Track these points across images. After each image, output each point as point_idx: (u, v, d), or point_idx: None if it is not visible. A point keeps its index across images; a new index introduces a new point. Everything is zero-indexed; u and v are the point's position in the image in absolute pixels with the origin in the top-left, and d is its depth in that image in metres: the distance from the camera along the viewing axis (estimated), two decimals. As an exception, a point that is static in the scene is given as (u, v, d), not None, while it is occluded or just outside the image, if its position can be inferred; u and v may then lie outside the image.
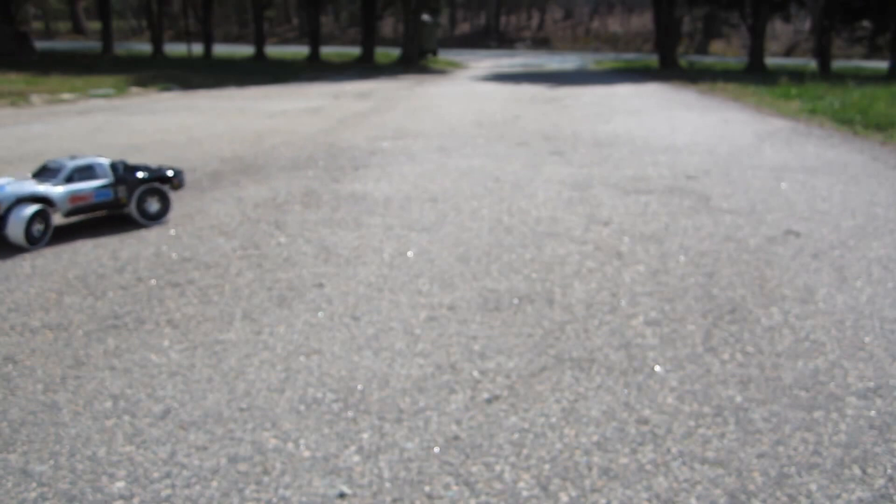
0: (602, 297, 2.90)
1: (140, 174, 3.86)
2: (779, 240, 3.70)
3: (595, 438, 1.89)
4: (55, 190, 3.54)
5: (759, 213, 4.24)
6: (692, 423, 1.97)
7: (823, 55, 22.29)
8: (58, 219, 3.70)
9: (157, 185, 3.91)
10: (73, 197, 3.61)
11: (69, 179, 3.62)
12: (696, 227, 3.94)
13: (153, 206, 3.92)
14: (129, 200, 3.82)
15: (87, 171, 3.70)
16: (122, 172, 3.83)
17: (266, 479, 1.71)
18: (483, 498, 1.65)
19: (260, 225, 3.91)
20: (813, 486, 1.70)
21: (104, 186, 3.73)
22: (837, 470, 1.76)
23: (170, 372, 2.22)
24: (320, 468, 1.75)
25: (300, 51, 30.82)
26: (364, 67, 23.52)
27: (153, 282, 3.02)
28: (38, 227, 3.44)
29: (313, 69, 21.56)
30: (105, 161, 3.80)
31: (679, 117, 9.45)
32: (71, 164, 3.66)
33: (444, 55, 31.91)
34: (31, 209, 3.37)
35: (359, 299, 2.83)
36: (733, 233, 3.82)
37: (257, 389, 2.12)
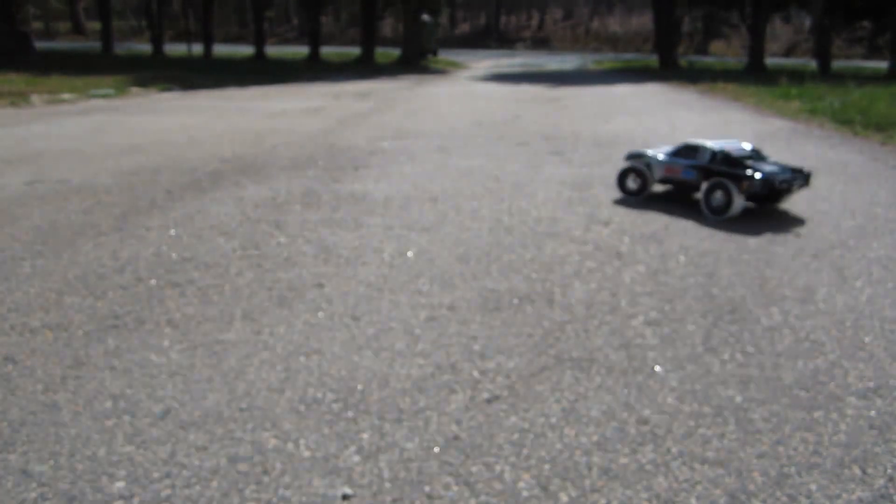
0: (602, 297, 2.90)
1: None
2: (779, 240, 3.70)
3: (595, 438, 1.89)
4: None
5: (759, 213, 4.24)
6: (692, 423, 1.97)
7: (823, 55, 22.28)
8: None
9: None
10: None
11: None
12: (696, 227, 3.94)
13: None
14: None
15: None
16: None
17: (266, 479, 1.71)
18: (483, 498, 1.65)
19: (260, 225, 3.90)
20: (813, 486, 1.70)
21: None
22: (837, 470, 1.76)
23: (170, 372, 2.22)
24: (320, 468, 1.75)
25: (300, 51, 30.82)
26: (364, 67, 23.51)
27: (153, 282, 3.02)
28: None
29: (313, 69, 21.55)
30: None
31: (679, 117, 9.45)
32: None
33: (444, 55, 31.90)
34: None
35: (359, 299, 2.83)
36: (733, 233, 3.82)
37: (257, 389, 2.12)
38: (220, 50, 30.32)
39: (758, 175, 3.90)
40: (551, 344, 2.45)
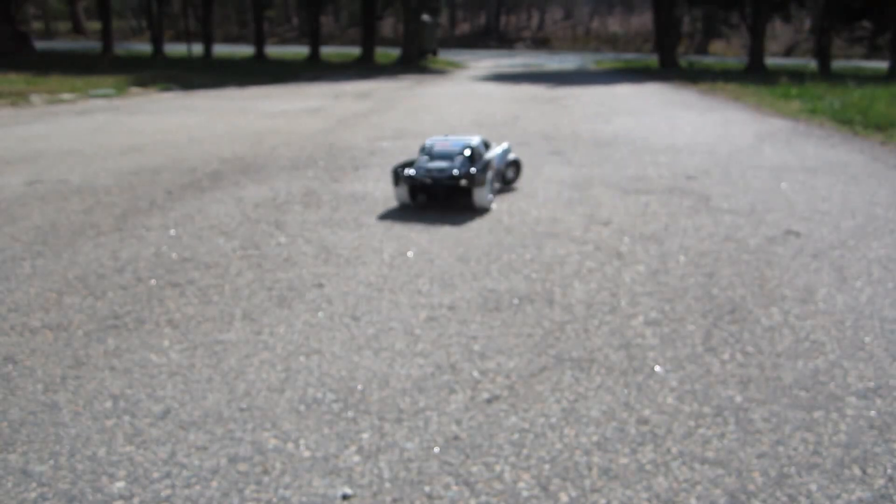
0: (602, 297, 2.90)
1: None
2: (779, 240, 3.70)
3: (595, 438, 1.89)
4: None
5: (759, 213, 4.24)
6: (692, 423, 1.97)
7: (823, 55, 22.30)
8: None
9: None
10: None
11: None
12: (696, 227, 3.94)
13: None
14: None
15: None
16: None
17: (266, 479, 1.71)
18: (483, 498, 1.65)
19: (260, 225, 3.90)
20: (813, 486, 1.70)
21: None
22: (837, 470, 1.76)
23: (170, 372, 2.22)
24: (320, 468, 1.75)
25: (300, 51, 30.83)
26: (364, 67, 23.52)
27: (153, 282, 3.02)
28: None
29: (313, 69, 21.56)
30: None
31: (679, 117, 9.45)
32: None
33: (444, 55, 31.92)
34: None
35: (359, 299, 2.83)
36: (733, 233, 3.82)
37: (257, 389, 2.12)
38: (220, 50, 30.32)
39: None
40: (551, 344, 2.45)
